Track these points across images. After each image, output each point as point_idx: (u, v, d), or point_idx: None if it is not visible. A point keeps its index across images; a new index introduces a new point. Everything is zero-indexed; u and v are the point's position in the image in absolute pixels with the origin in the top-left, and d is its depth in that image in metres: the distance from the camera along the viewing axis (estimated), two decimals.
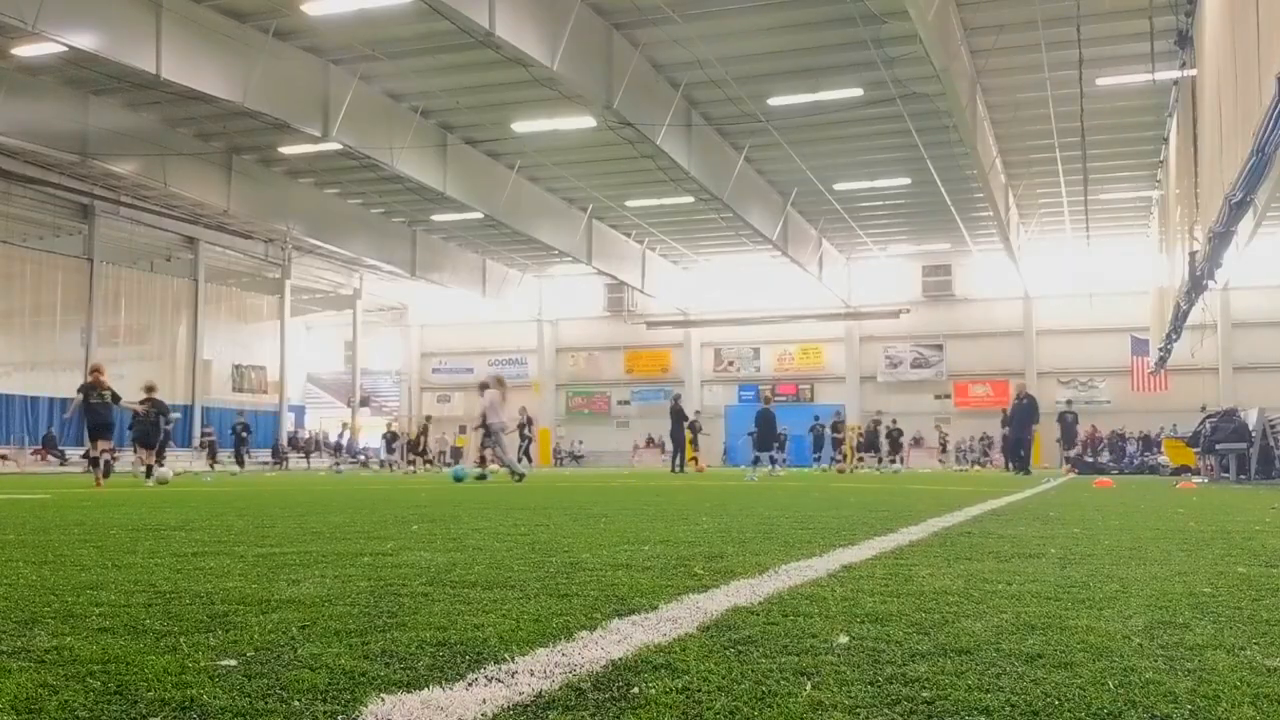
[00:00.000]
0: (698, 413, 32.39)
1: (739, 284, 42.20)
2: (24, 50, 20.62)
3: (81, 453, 30.43)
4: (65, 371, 32.25)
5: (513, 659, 1.82)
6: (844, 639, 2.01)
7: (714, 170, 26.29)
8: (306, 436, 41.19)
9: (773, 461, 23.57)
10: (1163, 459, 28.19)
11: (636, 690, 1.60)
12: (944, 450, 36.26)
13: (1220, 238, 13.24)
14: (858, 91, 22.69)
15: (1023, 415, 21.75)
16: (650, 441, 42.73)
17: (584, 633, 2.08)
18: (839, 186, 30.77)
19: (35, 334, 31.85)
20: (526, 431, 28.08)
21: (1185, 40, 17.71)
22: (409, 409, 47.17)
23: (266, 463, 36.08)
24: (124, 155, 25.73)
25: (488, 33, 17.73)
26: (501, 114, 24.98)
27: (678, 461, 23.67)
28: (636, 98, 21.48)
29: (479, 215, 30.40)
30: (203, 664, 1.77)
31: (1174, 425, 28.36)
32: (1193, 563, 3.49)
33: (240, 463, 29.45)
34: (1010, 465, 23.03)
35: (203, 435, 33.85)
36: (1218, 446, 17.58)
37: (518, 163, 28.92)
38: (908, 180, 29.88)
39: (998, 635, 2.07)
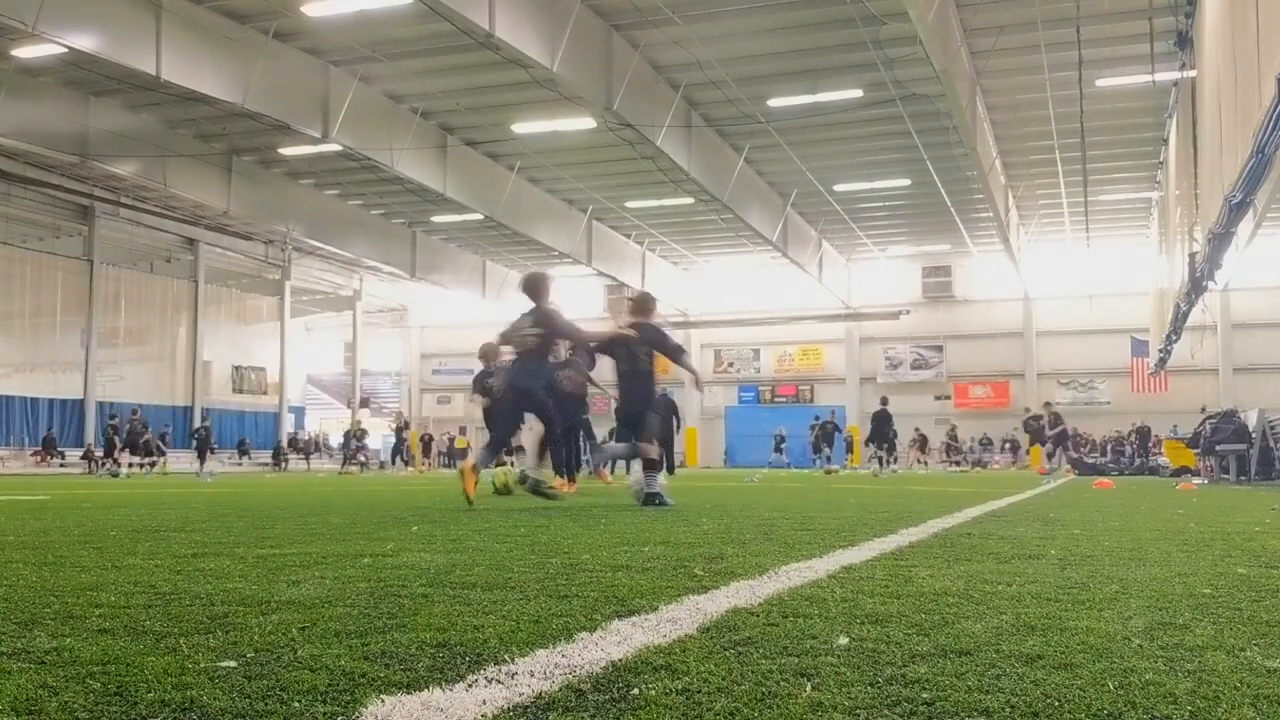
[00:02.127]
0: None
1: (739, 285, 42.20)
2: (24, 51, 20.63)
3: (81, 453, 30.56)
4: (65, 373, 32.27)
5: (513, 660, 1.82)
6: (844, 640, 2.01)
7: (714, 171, 26.30)
8: (307, 438, 41.18)
9: (882, 462, 23.30)
10: (1163, 460, 28.20)
11: (636, 691, 1.60)
12: (949, 451, 36.35)
13: (1220, 239, 13.24)
14: (857, 93, 22.70)
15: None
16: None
17: (584, 634, 2.07)
18: (839, 187, 30.78)
19: (35, 335, 31.86)
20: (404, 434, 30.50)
21: (1185, 41, 17.72)
22: (409, 410, 47.18)
23: (266, 464, 36.09)
24: (124, 156, 25.74)
25: (487, 34, 17.74)
26: (501, 115, 25.00)
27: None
28: (636, 99, 21.49)
29: (479, 216, 30.41)
30: (203, 665, 1.77)
31: (1174, 426, 28.37)
32: (1193, 564, 3.49)
33: (117, 464, 25.89)
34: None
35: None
36: (1218, 448, 17.58)
37: (518, 164, 28.93)
38: (907, 181, 29.89)
39: (998, 636, 2.07)
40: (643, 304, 8.00)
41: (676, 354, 7.96)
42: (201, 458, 28.60)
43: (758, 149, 27.42)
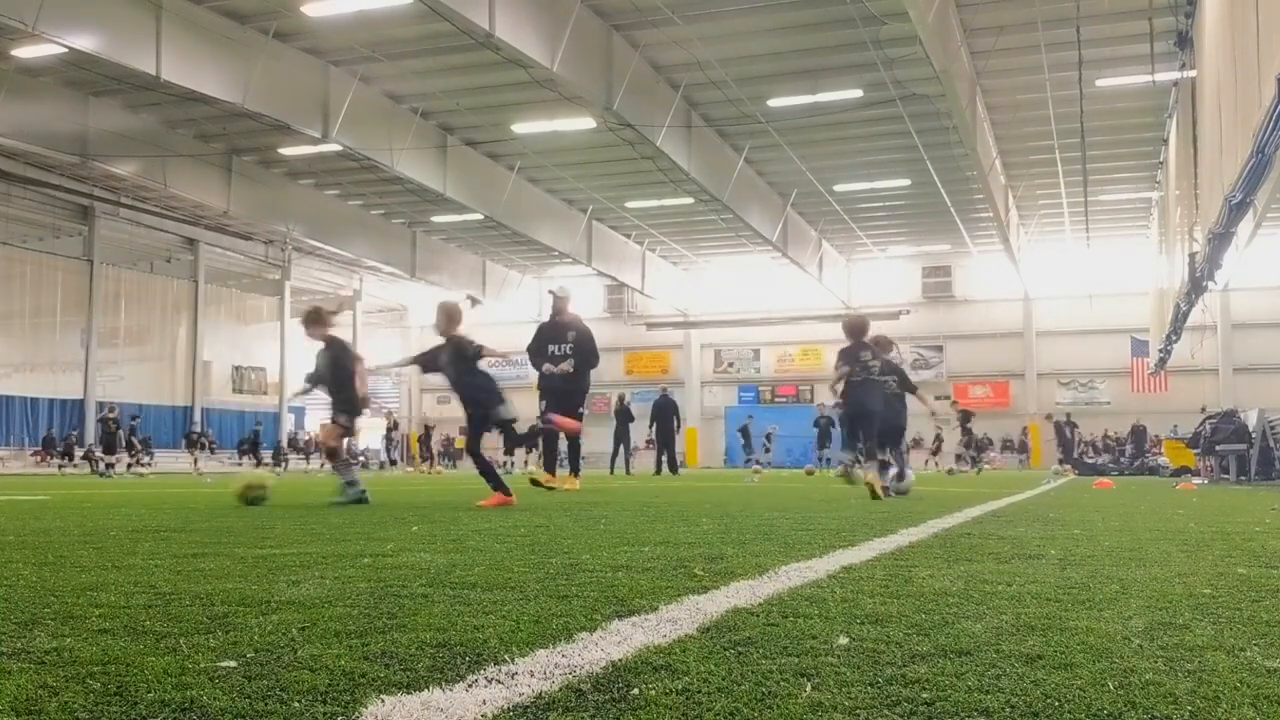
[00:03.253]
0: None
1: (739, 285, 42.20)
2: (24, 51, 20.63)
3: (82, 453, 30.54)
4: (65, 373, 32.24)
5: (513, 660, 1.82)
6: (844, 640, 2.01)
7: (714, 171, 26.30)
8: (307, 438, 41.18)
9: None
10: (1163, 460, 28.20)
11: (636, 691, 1.60)
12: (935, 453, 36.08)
13: (1220, 239, 13.24)
14: (857, 93, 22.70)
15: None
16: (649, 443, 42.62)
17: (584, 634, 2.07)
18: (839, 188, 30.78)
19: (35, 335, 31.86)
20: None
21: (1185, 41, 17.72)
22: (409, 410, 47.18)
23: (267, 464, 36.07)
24: (124, 156, 25.74)
25: (487, 34, 17.74)
26: (501, 115, 25.00)
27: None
28: (636, 99, 21.50)
29: (479, 216, 30.41)
30: (203, 665, 1.77)
31: (1174, 426, 28.38)
32: (1193, 564, 3.49)
33: (103, 464, 26.00)
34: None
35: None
36: (1218, 448, 17.58)
37: (518, 164, 28.94)
38: (907, 181, 29.90)
39: (998, 636, 2.07)
40: (857, 327, 9.69)
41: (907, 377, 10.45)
42: (255, 457, 29.72)
43: (758, 149, 27.41)
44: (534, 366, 11.10)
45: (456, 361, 7.82)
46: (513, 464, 32.30)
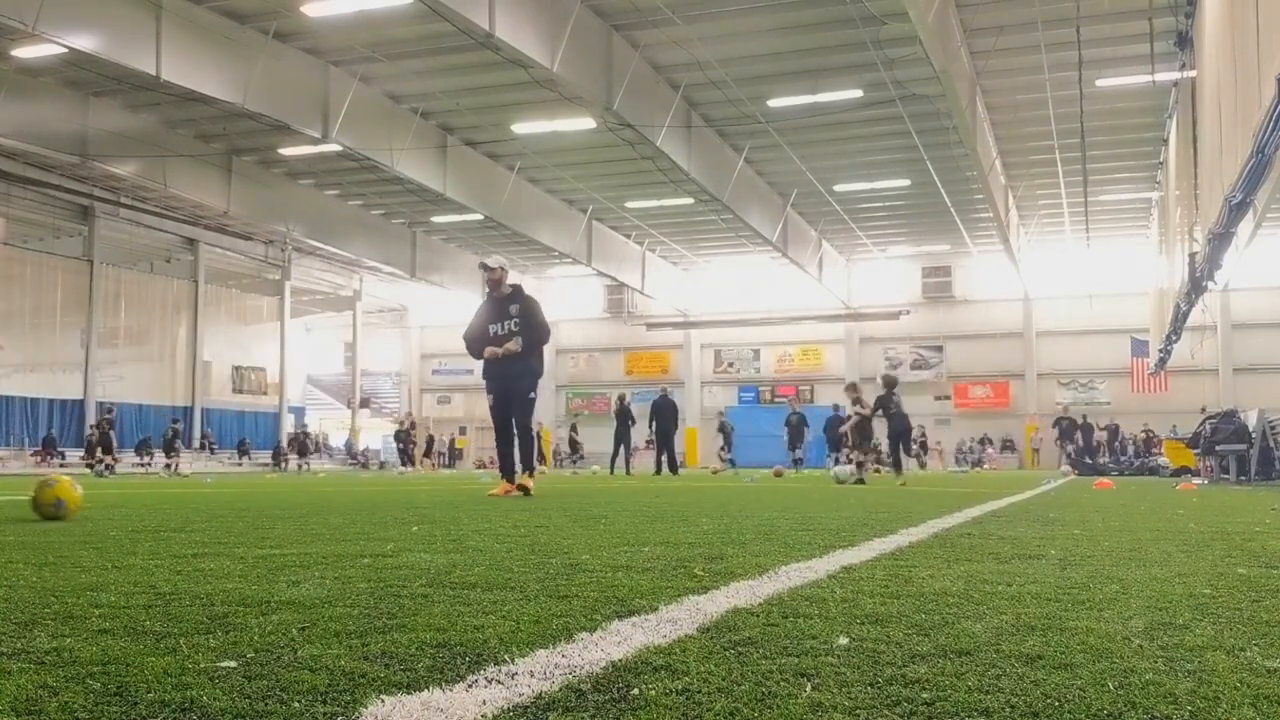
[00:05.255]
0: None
1: (739, 285, 42.21)
2: (24, 51, 20.64)
3: (80, 456, 30.53)
4: (65, 373, 32.25)
5: (513, 660, 1.82)
6: (844, 640, 2.01)
7: (714, 171, 26.31)
8: (305, 437, 41.21)
9: (836, 461, 23.45)
10: (1163, 460, 28.19)
11: (636, 691, 1.59)
12: (924, 449, 35.94)
13: (1220, 239, 13.24)
14: (857, 93, 22.71)
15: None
16: (649, 443, 42.59)
17: (584, 634, 2.07)
18: (839, 188, 30.79)
19: (35, 335, 31.86)
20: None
21: (1185, 41, 17.72)
22: (409, 410, 47.20)
23: (266, 464, 36.11)
24: (124, 157, 25.75)
25: (488, 34, 17.76)
26: (501, 115, 25.01)
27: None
28: (636, 99, 21.50)
29: (479, 217, 30.43)
30: (203, 665, 1.77)
31: (1174, 427, 28.38)
32: (1193, 564, 3.49)
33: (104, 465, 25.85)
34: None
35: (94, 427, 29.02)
36: (1218, 448, 17.58)
37: (518, 164, 28.95)
38: (907, 181, 29.91)
39: (998, 636, 2.07)
40: (890, 381, 14.91)
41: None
42: (303, 456, 32.39)
43: (758, 149, 27.42)
44: (474, 355, 9.56)
45: None
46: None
